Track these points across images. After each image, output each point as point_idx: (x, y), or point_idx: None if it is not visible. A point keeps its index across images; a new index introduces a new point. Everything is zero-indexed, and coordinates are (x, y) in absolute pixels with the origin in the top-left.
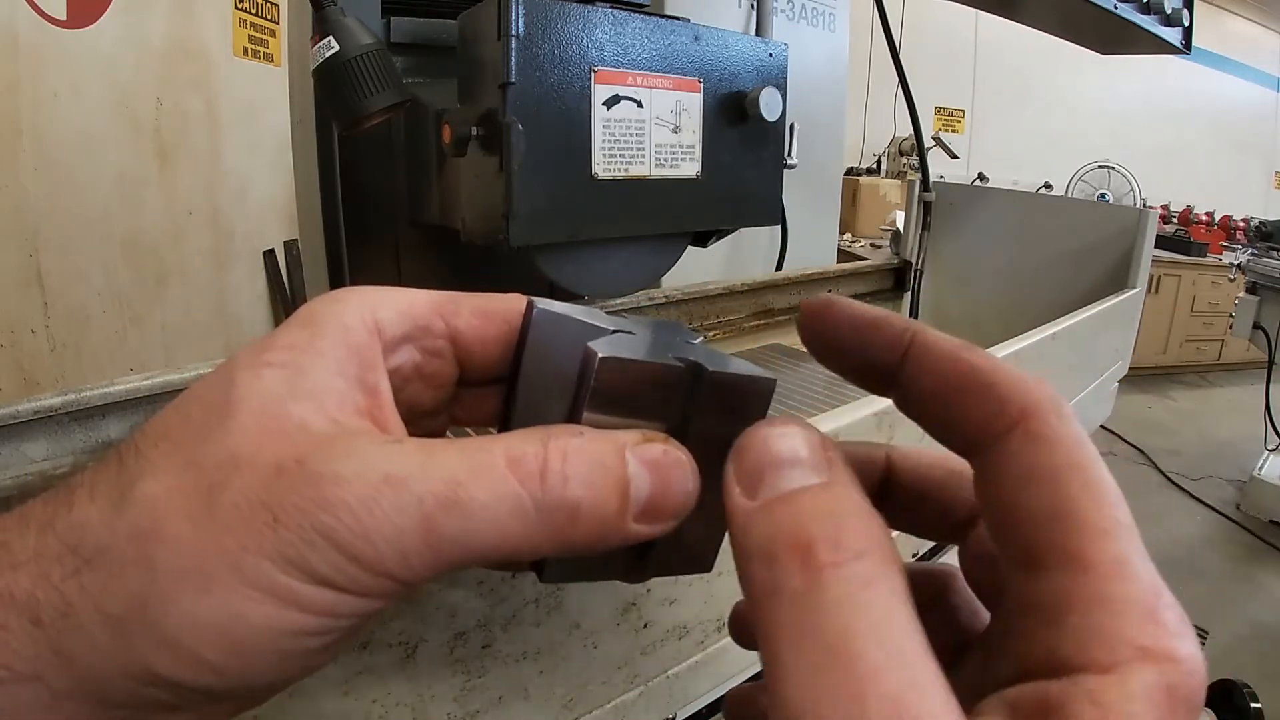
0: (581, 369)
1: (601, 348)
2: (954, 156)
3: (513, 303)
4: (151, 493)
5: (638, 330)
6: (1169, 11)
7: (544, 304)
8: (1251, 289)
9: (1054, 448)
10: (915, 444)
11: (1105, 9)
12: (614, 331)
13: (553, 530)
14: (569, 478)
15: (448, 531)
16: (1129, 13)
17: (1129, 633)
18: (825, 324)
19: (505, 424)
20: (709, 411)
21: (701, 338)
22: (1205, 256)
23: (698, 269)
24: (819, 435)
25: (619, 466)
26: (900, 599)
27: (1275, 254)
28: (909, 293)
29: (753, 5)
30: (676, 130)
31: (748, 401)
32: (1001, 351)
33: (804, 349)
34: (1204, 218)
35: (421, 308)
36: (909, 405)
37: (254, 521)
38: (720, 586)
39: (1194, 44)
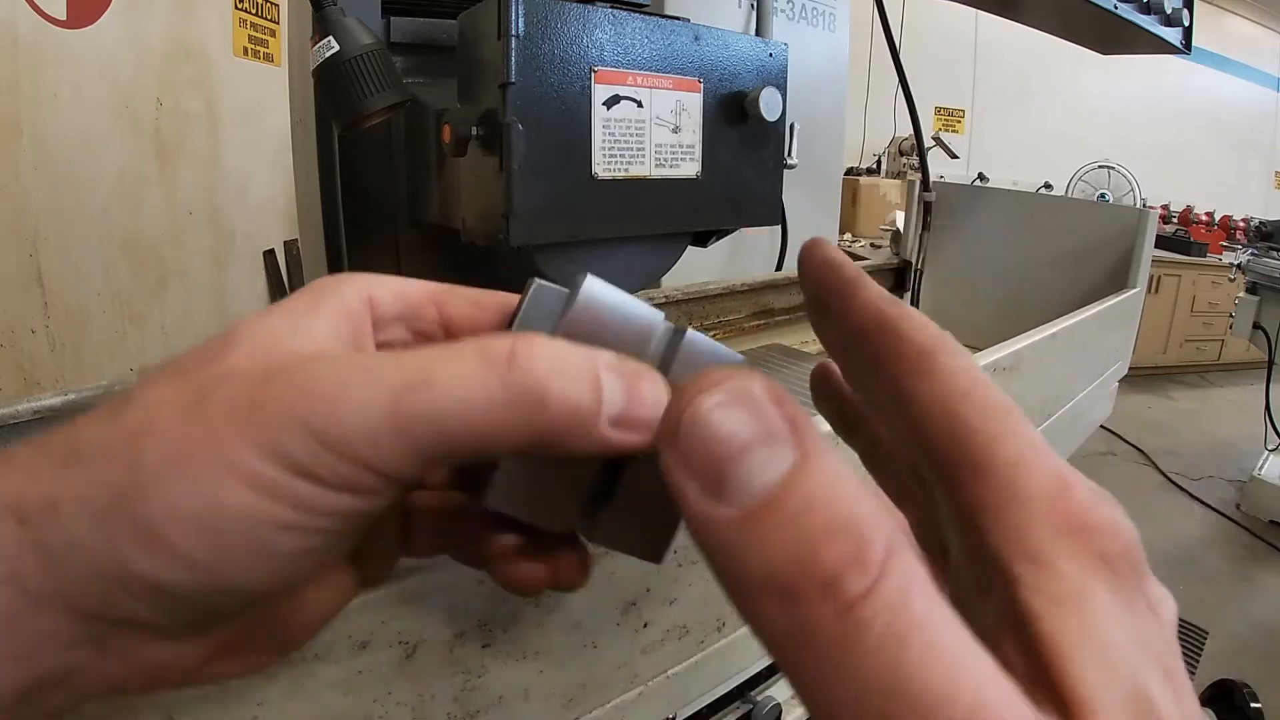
0: (568, 297)
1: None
2: (954, 156)
3: (507, 298)
4: (148, 399)
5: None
6: (1169, 11)
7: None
8: (1251, 289)
9: (943, 379)
10: None
11: (1105, 9)
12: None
13: (523, 413)
14: (537, 360)
15: (415, 410)
16: (1129, 13)
17: (1044, 521)
18: (812, 256)
19: None
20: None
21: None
22: (1205, 256)
23: (698, 269)
24: (764, 384)
25: (590, 367)
26: (932, 592)
27: (1275, 254)
28: (909, 293)
29: (753, 5)
30: (676, 130)
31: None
32: (1001, 351)
33: (803, 349)
34: (1204, 218)
35: (415, 293)
36: (837, 349)
37: (237, 413)
38: (719, 587)
39: (1194, 44)
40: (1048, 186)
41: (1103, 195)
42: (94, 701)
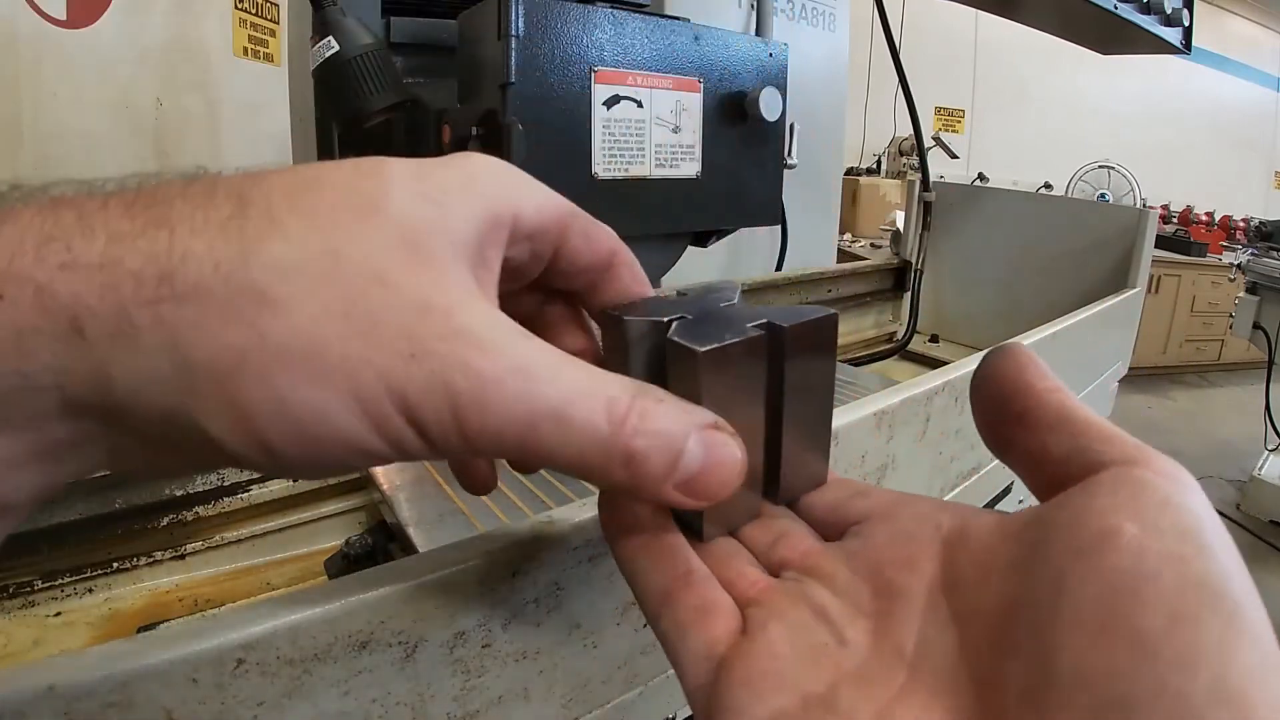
0: (671, 361)
1: (697, 343)
2: (954, 156)
3: (605, 240)
4: (283, 260)
5: (691, 308)
6: (1169, 11)
7: (630, 315)
8: (1251, 289)
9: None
10: (913, 443)
11: (1105, 9)
12: (679, 317)
13: (616, 470)
14: (640, 435)
15: (541, 440)
16: (1129, 13)
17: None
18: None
19: None
20: (794, 361)
21: (738, 290)
22: (1205, 256)
23: (698, 269)
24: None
25: (679, 439)
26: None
27: (1275, 254)
28: (909, 293)
29: (753, 5)
30: (676, 130)
31: (821, 341)
32: None
33: None
34: (1204, 218)
35: (549, 215)
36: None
37: (393, 346)
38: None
39: (1194, 44)
40: (1048, 186)
41: (1103, 195)
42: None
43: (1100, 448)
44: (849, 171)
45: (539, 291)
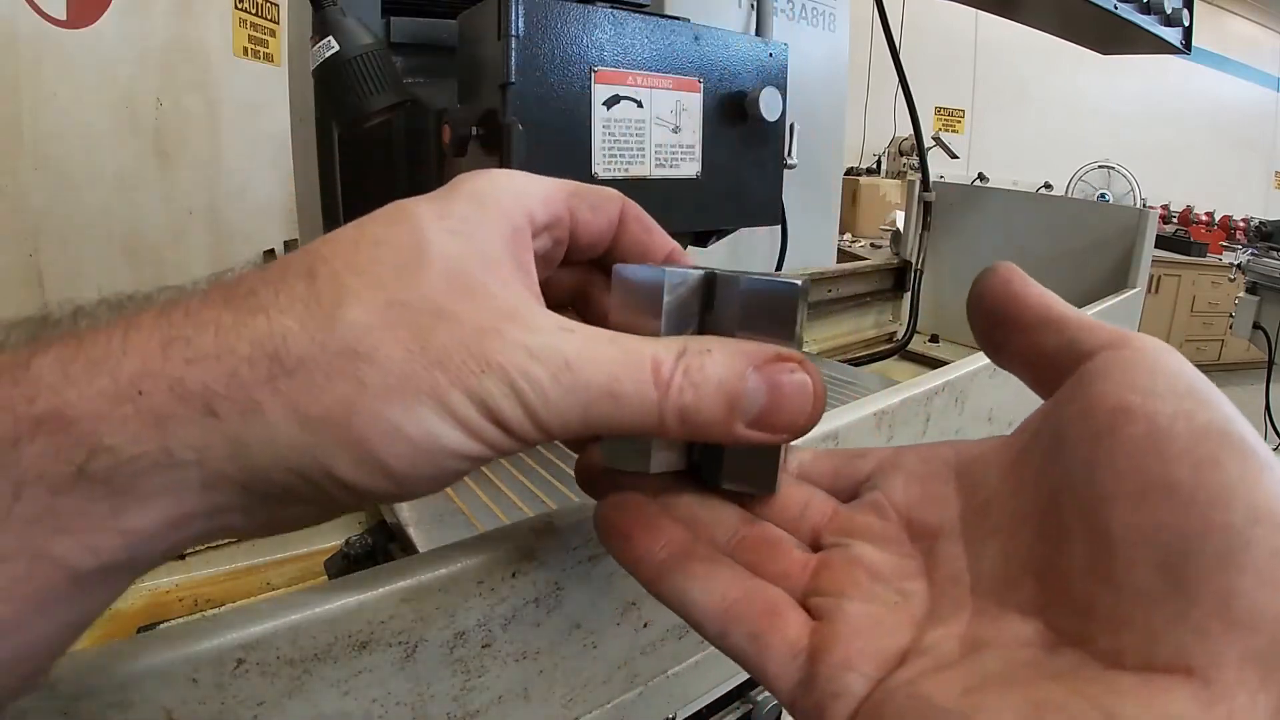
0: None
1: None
2: (954, 156)
3: (611, 201)
4: (362, 320)
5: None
6: (1169, 11)
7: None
8: (1251, 289)
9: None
10: (915, 443)
11: (1105, 9)
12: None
13: (675, 426)
14: (685, 390)
15: (601, 415)
16: (1129, 13)
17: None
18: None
19: None
20: (736, 321)
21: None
22: (1205, 256)
23: None
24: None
25: (733, 381)
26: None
27: (1275, 254)
28: (909, 293)
29: (753, 5)
30: (676, 130)
31: (776, 310)
32: None
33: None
34: (1204, 218)
35: (557, 202)
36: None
37: (464, 365)
38: None
39: (1194, 44)
40: (1048, 186)
41: (1103, 195)
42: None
43: (1085, 337)
44: (849, 171)
45: (574, 266)
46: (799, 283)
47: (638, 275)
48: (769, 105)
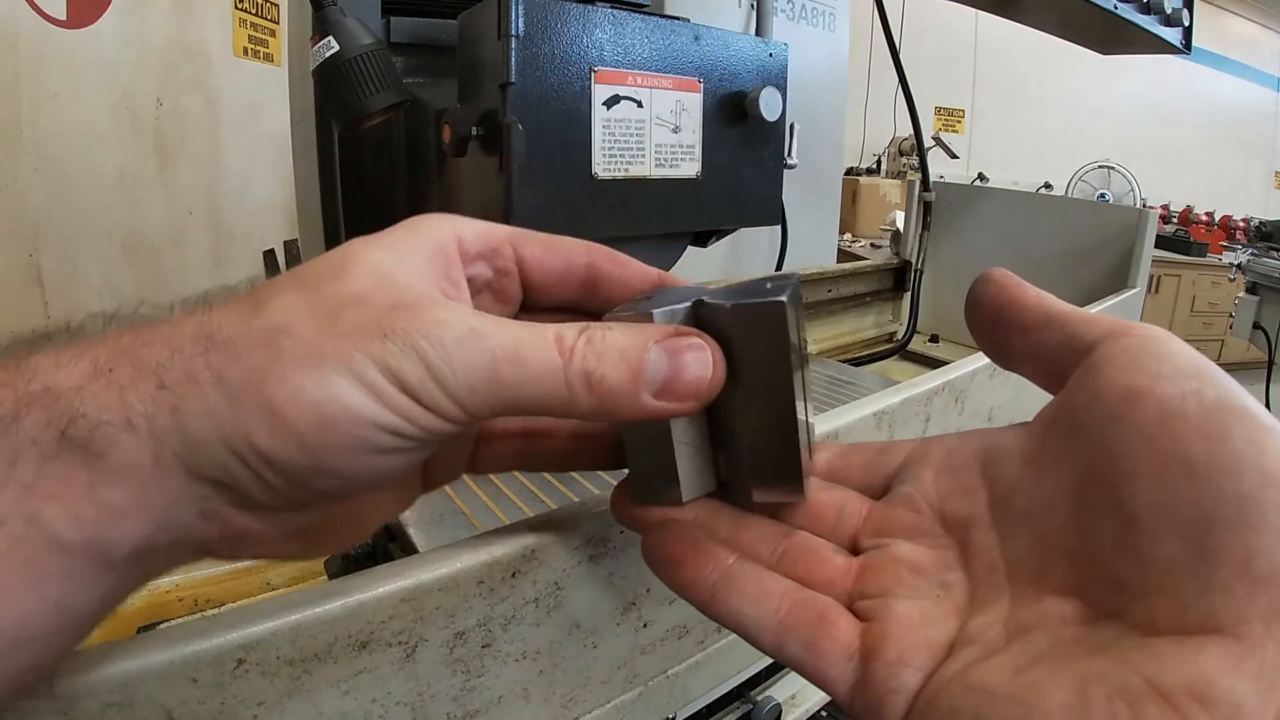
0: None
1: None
2: (954, 156)
3: (573, 245)
4: (286, 304)
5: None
6: (1169, 11)
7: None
8: (1251, 289)
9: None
10: (915, 438)
11: (1105, 9)
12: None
13: (579, 393)
14: (590, 352)
15: (506, 377)
16: (1129, 13)
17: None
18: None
19: None
20: (736, 345)
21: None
22: (1205, 256)
23: (698, 269)
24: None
25: (635, 350)
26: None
27: (1275, 254)
28: (909, 293)
29: (753, 5)
30: (676, 130)
31: (767, 329)
32: None
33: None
34: (1204, 218)
35: (496, 236)
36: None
37: (369, 333)
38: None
39: (1194, 44)
40: (1048, 186)
41: (1103, 195)
42: (184, 564)
43: (1086, 330)
44: (849, 171)
45: (558, 314)
46: (783, 298)
47: (627, 319)
48: (769, 105)
